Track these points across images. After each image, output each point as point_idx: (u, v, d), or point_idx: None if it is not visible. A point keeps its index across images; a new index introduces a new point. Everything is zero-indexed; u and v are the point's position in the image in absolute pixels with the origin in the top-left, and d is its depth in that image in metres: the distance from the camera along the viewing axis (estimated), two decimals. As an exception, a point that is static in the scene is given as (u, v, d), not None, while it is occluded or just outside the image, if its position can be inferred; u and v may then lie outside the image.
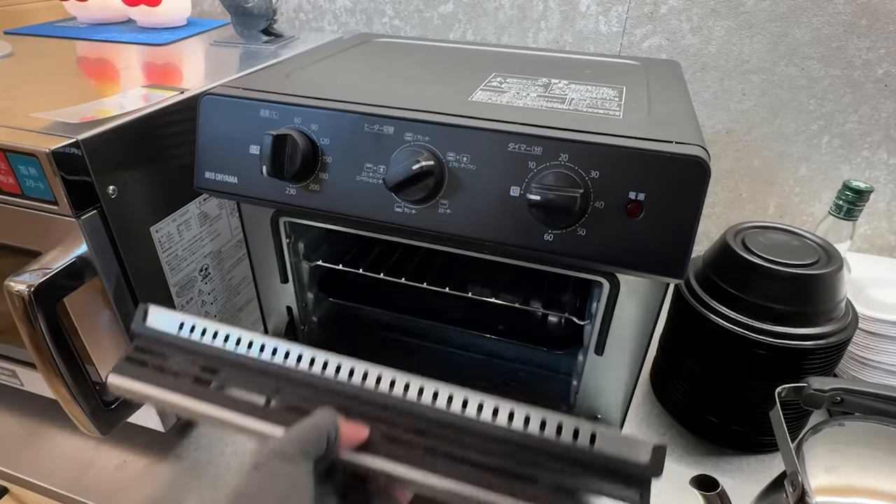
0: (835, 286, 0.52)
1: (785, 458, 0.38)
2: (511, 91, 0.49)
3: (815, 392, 0.42)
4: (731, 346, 0.53)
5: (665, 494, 0.54)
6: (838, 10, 0.68)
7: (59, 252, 0.43)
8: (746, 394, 0.55)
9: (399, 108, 0.42)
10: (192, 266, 0.55)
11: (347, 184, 0.43)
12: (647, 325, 0.47)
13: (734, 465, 0.58)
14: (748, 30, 0.72)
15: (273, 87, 0.47)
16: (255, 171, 0.44)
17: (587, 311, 0.56)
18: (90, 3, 0.79)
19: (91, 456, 0.57)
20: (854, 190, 0.59)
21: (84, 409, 0.46)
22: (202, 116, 0.46)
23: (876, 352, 0.62)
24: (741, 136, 0.79)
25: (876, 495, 0.37)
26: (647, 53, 0.77)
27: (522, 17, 0.80)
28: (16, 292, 0.40)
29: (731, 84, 0.76)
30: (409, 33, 0.87)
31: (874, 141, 0.74)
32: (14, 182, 0.42)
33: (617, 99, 0.48)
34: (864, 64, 0.70)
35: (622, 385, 0.51)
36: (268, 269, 0.58)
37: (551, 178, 0.37)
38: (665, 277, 0.41)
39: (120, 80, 0.58)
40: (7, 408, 0.62)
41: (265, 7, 0.70)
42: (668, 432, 0.61)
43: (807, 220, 0.82)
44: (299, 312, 0.62)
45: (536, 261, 0.46)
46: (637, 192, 0.37)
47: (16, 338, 0.43)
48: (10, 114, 0.45)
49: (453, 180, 0.40)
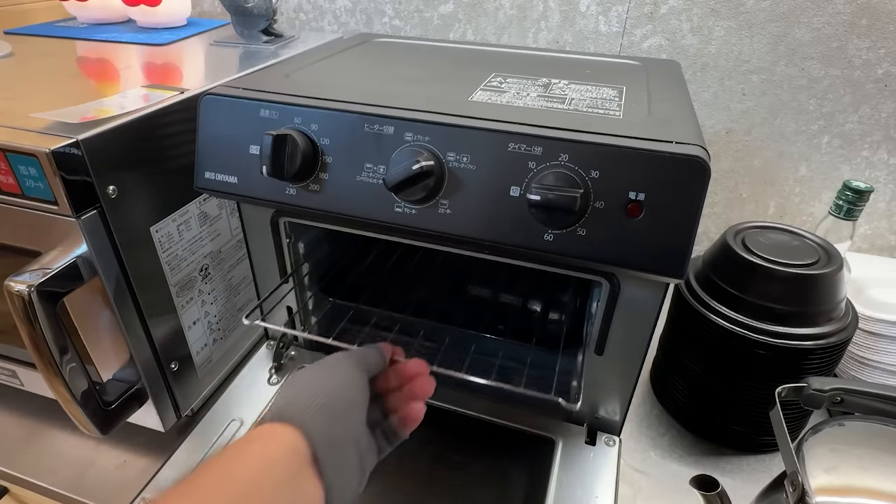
0: (835, 286, 0.52)
1: (785, 458, 0.38)
2: (511, 91, 0.49)
3: (815, 392, 0.41)
4: (731, 346, 0.53)
5: (665, 494, 0.54)
6: (838, 10, 0.68)
7: (59, 252, 0.43)
8: (746, 394, 0.55)
9: (399, 108, 0.42)
10: (192, 266, 0.55)
11: (347, 184, 0.43)
12: (647, 325, 0.47)
13: (734, 465, 0.58)
14: (748, 30, 0.72)
15: (273, 87, 0.47)
16: (255, 171, 0.44)
17: (587, 311, 0.56)
18: (90, 3, 0.79)
19: (91, 456, 0.57)
20: (854, 190, 0.59)
21: (84, 409, 0.46)
22: (202, 116, 0.46)
23: (876, 352, 0.62)
24: (741, 136, 0.79)
25: (876, 495, 0.37)
26: (647, 53, 0.77)
27: (522, 17, 0.80)
28: (16, 292, 0.40)
29: (731, 84, 0.76)
30: (409, 33, 0.87)
31: (874, 141, 0.74)
32: (14, 182, 0.42)
33: (617, 99, 0.48)
34: (864, 64, 0.70)
35: (622, 385, 0.51)
36: (268, 269, 0.58)
37: (551, 178, 0.38)
38: (665, 277, 0.41)
39: (120, 80, 0.58)
40: (7, 408, 0.62)
41: (265, 7, 0.70)
42: (668, 432, 0.61)
43: (807, 220, 0.82)
44: (299, 312, 0.62)
45: (536, 261, 0.46)
46: (637, 192, 0.37)
47: (16, 338, 0.43)
48: (10, 114, 0.45)
49: (453, 180, 0.40)
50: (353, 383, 0.40)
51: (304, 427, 0.35)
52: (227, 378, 0.64)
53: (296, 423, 0.35)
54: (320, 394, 0.37)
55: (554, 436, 0.55)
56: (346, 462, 0.36)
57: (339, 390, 0.38)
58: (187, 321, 0.55)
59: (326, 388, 0.38)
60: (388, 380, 0.46)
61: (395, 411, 0.44)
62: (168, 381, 0.54)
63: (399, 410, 0.44)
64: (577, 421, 0.55)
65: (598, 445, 0.54)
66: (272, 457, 0.33)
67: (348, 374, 0.40)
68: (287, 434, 0.34)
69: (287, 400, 0.37)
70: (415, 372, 0.46)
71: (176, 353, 0.55)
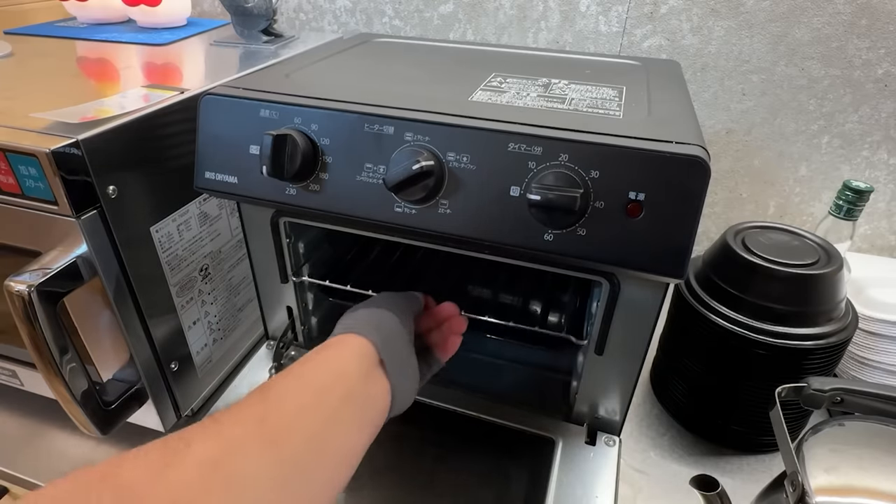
0: (835, 286, 0.52)
1: (785, 458, 0.38)
2: (511, 91, 0.49)
3: (815, 392, 0.42)
4: (731, 346, 0.53)
5: (665, 494, 0.54)
6: (838, 10, 0.68)
7: (59, 252, 0.43)
8: (746, 394, 0.55)
9: (399, 108, 0.42)
10: (192, 266, 0.55)
11: (347, 184, 0.43)
12: (647, 325, 0.47)
13: (734, 465, 0.58)
14: (748, 30, 0.72)
15: (273, 87, 0.47)
16: (255, 171, 0.44)
17: (587, 312, 0.56)
18: (90, 3, 0.79)
19: (91, 456, 0.57)
20: (854, 190, 0.59)
21: (84, 409, 0.46)
22: (202, 116, 0.46)
23: (876, 352, 0.62)
24: (741, 136, 0.79)
25: (876, 495, 0.37)
26: (647, 53, 0.77)
27: (522, 17, 0.80)
28: (16, 292, 0.40)
29: (731, 84, 0.76)
30: (409, 33, 0.87)
31: (874, 141, 0.74)
32: (14, 182, 0.42)
33: (617, 99, 0.48)
34: (864, 64, 0.70)
35: (622, 385, 0.51)
36: (268, 269, 0.58)
37: (551, 178, 0.37)
38: (665, 277, 0.41)
39: (120, 80, 0.58)
40: (7, 408, 0.62)
41: (265, 7, 0.70)
42: (668, 432, 0.61)
43: (807, 220, 0.82)
44: (299, 312, 0.62)
45: (536, 261, 0.46)
46: (637, 192, 0.37)
47: (16, 338, 0.43)
48: (10, 114, 0.45)
49: (453, 180, 0.40)
50: (402, 313, 0.46)
51: (369, 337, 0.41)
52: (227, 378, 0.64)
53: (367, 333, 0.41)
54: (378, 317, 0.44)
55: (554, 436, 0.55)
56: (406, 368, 0.43)
57: (392, 316, 0.44)
58: (187, 321, 0.55)
59: (383, 313, 0.44)
60: (427, 320, 0.53)
61: (435, 344, 0.51)
62: (168, 381, 0.54)
63: (439, 343, 0.51)
64: (577, 421, 0.55)
65: (598, 445, 0.54)
66: (346, 357, 0.39)
67: (397, 305, 0.47)
68: (357, 341, 0.40)
69: (350, 322, 0.43)
70: (448, 313, 0.53)
71: (176, 353, 0.55)
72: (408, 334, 0.45)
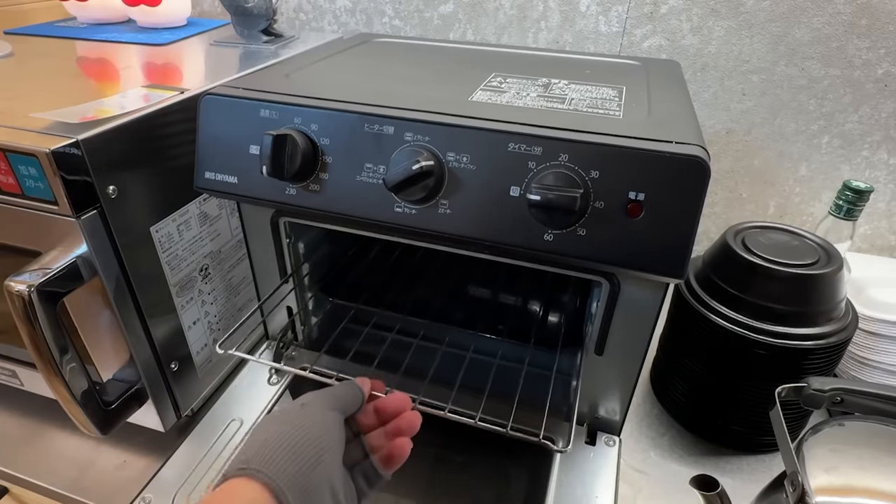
0: (835, 286, 0.52)
1: (785, 458, 0.38)
2: (511, 91, 0.49)
3: (815, 392, 0.41)
4: (731, 346, 0.53)
5: (665, 494, 0.54)
6: (838, 10, 0.68)
7: (59, 252, 0.43)
8: (746, 394, 0.55)
9: (399, 108, 0.42)
10: (192, 266, 0.55)
11: (347, 184, 0.43)
12: (647, 325, 0.47)
13: (734, 465, 0.58)
14: (748, 30, 0.72)
15: (273, 87, 0.47)
16: (255, 171, 0.44)
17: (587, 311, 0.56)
18: (90, 3, 0.79)
19: (91, 456, 0.57)
20: (854, 190, 0.59)
21: (84, 409, 0.46)
22: (202, 116, 0.46)
23: (876, 352, 0.62)
24: (741, 136, 0.79)
25: (876, 495, 0.37)
26: (647, 53, 0.77)
27: (522, 17, 0.80)
28: (16, 292, 0.40)
29: (731, 84, 0.76)
30: (409, 33, 0.87)
31: (874, 141, 0.74)
32: (14, 182, 0.42)
33: (617, 99, 0.48)
34: (864, 64, 0.70)
35: (622, 385, 0.51)
36: (268, 269, 0.58)
37: (551, 178, 0.38)
38: (665, 277, 0.41)
39: (120, 80, 0.58)
40: (7, 408, 0.62)
41: (265, 7, 0.70)
42: (668, 432, 0.61)
43: (807, 220, 0.82)
44: (299, 312, 0.62)
45: (536, 261, 0.46)
46: (637, 192, 0.37)
47: (16, 338, 0.43)
48: (10, 114, 0.45)
49: (453, 180, 0.40)
50: (326, 425, 0.38)
51: (271, 478, 0.33)
52: (227, 378, 0.64)
53: (262, 476, 0.33)
54: (289, 440, 0.35)
55: (554, 436, 0.55)
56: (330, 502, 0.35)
57: (309, 435, 0.36)
58: (187, 321, 0.55)
59: (296, 433, 0.36)
60: (368, 416, 0.44)
61: (377, 450, 0.42)
62: (168, 381, 0.54)
63: (382, 449, 0.42)
64: (578, 421, 0.55)
65: (598, 445, 0.54)
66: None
67: (319, 415, 0.38)
68: (249, 490, 0.32)
69: (253, 450, 0.35)
70: (396, 407, 0.44)
71: (176, 353, 0.55)
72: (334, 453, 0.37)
